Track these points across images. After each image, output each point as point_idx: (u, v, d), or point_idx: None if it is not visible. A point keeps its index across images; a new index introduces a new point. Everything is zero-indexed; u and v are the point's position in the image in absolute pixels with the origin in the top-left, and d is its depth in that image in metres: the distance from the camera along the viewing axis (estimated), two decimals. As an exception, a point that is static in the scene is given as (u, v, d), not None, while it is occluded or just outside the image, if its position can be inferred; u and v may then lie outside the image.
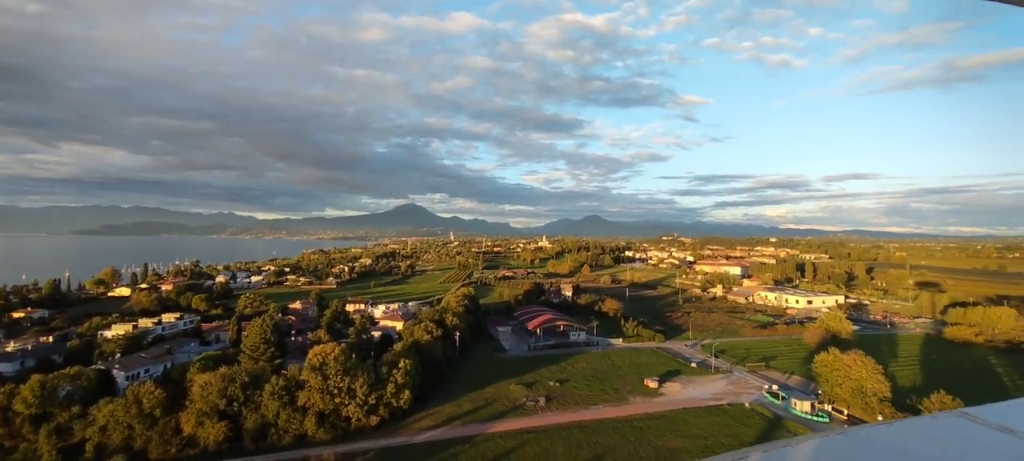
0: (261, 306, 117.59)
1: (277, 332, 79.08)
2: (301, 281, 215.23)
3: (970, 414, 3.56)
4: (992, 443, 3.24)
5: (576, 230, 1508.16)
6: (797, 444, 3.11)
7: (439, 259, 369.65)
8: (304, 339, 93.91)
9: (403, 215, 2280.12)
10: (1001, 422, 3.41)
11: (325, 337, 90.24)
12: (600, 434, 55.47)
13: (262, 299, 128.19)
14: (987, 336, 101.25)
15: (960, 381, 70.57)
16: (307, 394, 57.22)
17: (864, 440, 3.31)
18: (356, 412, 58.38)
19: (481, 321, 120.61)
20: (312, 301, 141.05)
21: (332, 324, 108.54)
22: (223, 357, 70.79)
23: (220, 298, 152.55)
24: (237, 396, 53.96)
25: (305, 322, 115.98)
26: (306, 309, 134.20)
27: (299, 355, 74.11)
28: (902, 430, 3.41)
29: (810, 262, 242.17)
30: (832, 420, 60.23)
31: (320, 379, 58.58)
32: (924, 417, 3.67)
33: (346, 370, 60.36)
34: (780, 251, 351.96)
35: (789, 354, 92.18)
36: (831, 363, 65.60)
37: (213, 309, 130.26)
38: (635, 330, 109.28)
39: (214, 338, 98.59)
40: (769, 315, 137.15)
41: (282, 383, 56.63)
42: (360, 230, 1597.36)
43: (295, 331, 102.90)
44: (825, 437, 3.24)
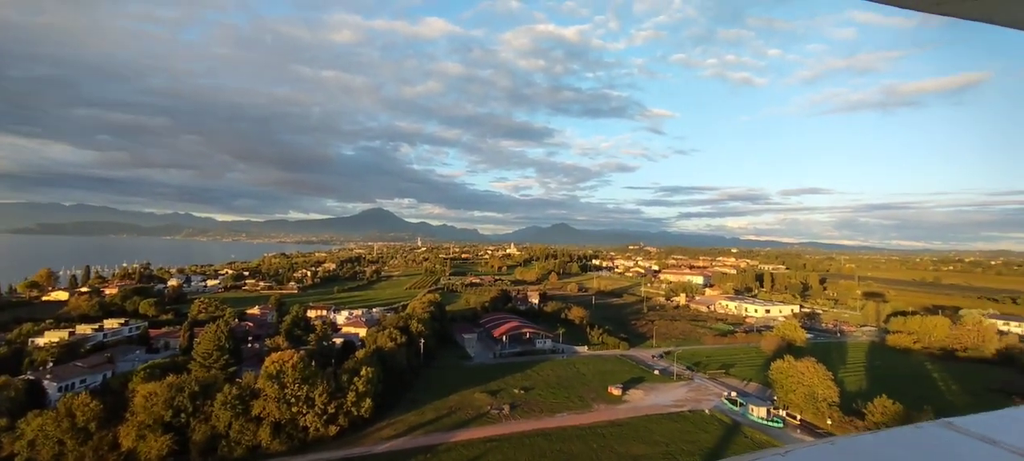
0: (216, 311, 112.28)
1: (232, 338, 75.66)
2: (261, 286, 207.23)
3: (954, 425, 3.59)
4: (975, 454, 3.26)
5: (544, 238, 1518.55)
6: (785, 454, 3.09)
7: (406, 265, 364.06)
8: (261, 346, 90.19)
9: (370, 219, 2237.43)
10: (984, 433, 3.43)
11: (284, 344, 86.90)
12: (564, 442, 55.49)
13: (218, 304, 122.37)
14: (924, 344, 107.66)
15: (899, 386, 74.52)
16: (262, 403, 54.79)
17: (849, 450, 3.31)
18: (314, 422, 56.35)
19: (447, 328, 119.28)
20: (271, 306, 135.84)
21: (292, 330, 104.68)
22: (172, 365, 66.97)
23: (172, 303, 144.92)
24: (185, 407, 51.05)
25: (263, 328, 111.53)
26: (265, 315, 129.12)
27: (256, 363, 71.03)
28: (887, 440, 3.45)
29: (768, 272, 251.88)
30: (786, 425, 62.36)
31: (277, 387, 56.24)
32: (908, 427, 3.68)
33: (305, 378, 58.24)
34: (740, 261, 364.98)
35: (748, 361, 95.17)
36: (786, 370, 68.06)
37: (163, 314, 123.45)
38: (600, 338, 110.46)
39: (163, 345, 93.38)
40: (729, 323, 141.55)
41: (235, 392, 54.05)
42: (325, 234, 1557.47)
43: (252, 337, 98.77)
44: (812, 446, 3.26)
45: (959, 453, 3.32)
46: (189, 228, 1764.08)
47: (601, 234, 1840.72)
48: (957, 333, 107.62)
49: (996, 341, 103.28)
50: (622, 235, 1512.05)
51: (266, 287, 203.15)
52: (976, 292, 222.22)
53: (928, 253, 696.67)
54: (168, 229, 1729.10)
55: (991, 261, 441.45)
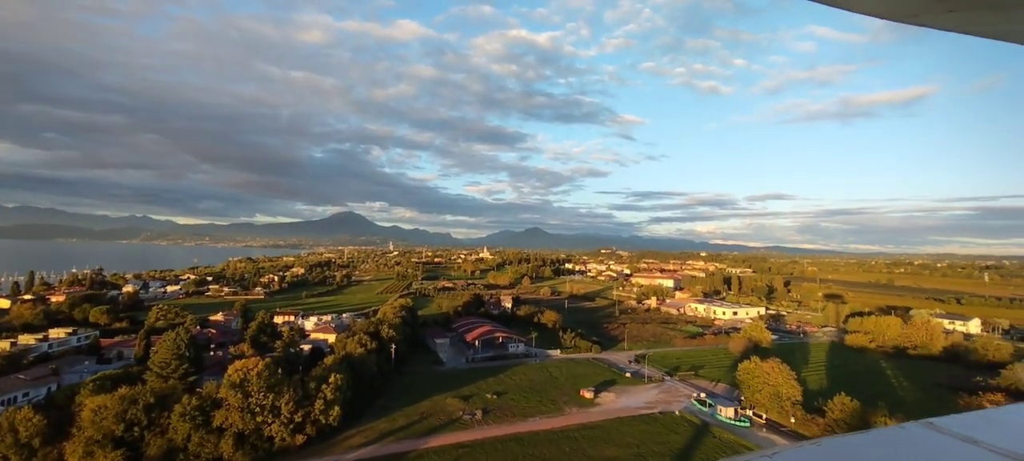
0: (176, 318, 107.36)
1: (193, 346, 72.44)
2: (225, 291, 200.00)
3: (936, 425, 3.66)
4: (957, 454, 3.33)
5: (517, 242, 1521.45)
6: (772, 455, 3.13)
7: (377, 269, 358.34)
8: (225, 354, 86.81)
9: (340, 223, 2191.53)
10: (966, 433, 3.50)
11: (249, 351, 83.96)
12: (536, 446, 55.32)
13: (177, 310, 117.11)
14: (879, 342, 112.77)
15: (856, 383, 77.73)
16: (225, 413, 52.54)
17: (834, 450, 3.37)
18: (280, 431, 54.40)
19: (419, 333, 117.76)
20: (236, 312, 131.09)
21: (258, 337, 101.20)
22: (124, 376, 63.37)
23: (127, 310, 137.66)
24: (138, 419, 48.38)
25: (227, 335, 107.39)
26: (229, 321, 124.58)
27: (219, 371, 68.11)
28: (870, 441, 3.53)
29: (736, 276, 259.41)
30: (752, 424, 63.98)
31: (240, 396, 54.07)
32: (891, 428, 3.76)
33: (270, 386, 56.19)
34: (709, 265, 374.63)
35: (716, 363, 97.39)
36: (752, 371, 69.97)
37: (117, 322, 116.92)
38: (573, 341, 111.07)
39: (116, 355, 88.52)
40: (699, 326, 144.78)
41: (196, 402, 51.64)
42: (293, 238, 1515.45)
43: (215, 345, 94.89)
44: (798, 448, 3.32)
45: (940, 453, 3.38)
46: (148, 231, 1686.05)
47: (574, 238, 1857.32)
48: (908, 332, 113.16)
49: (942, 339, 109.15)
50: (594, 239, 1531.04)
51: (231, 293, 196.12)
52: (925, 293, 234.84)
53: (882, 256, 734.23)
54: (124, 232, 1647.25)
55: (937, 264, 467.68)
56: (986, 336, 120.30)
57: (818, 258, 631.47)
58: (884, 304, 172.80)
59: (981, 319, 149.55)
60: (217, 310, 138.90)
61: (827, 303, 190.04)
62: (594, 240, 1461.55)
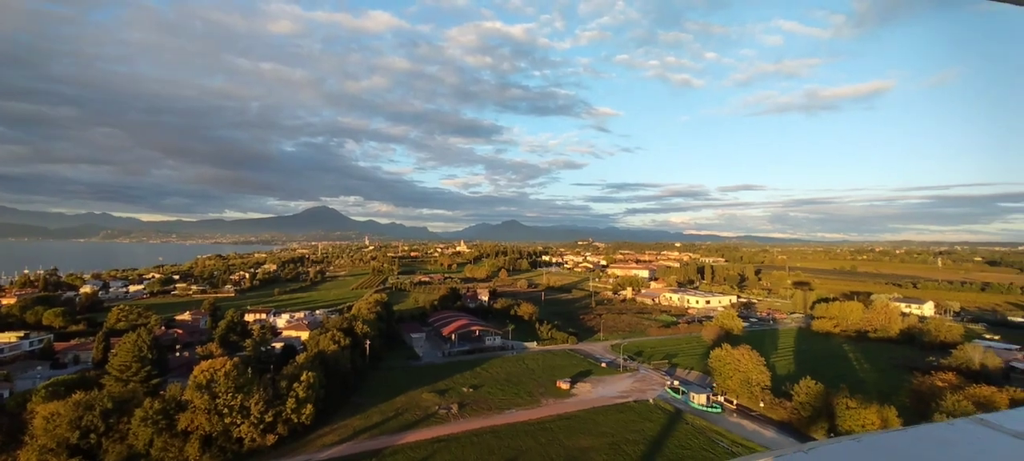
0: (138, 319, 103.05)
1: (157, 348, 69.72)
2: (193, 289, 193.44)
3: (987, 421, 3.44)
4: (1011, 451, 3.12)
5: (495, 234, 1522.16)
6: (809, 450, 2.92)
7: (352, 264, 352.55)
8: (192, 354, 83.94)
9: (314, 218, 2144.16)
10: (1019, 429, 3.29)
11: (217, 351, 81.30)
12: (512, 438, 55.38)
13: (140, 311, 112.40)
14: (842, 327, 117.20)
15: (821, 367, 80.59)
16: (190, 416, 50.76)
17: (876, 447, 3.11)
18: (250, 432, 52.93)
19: (395, 328, 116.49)
20: (205, 311, 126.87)
21: (227, 336, 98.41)
22: (81, 381, 60.56)
23: (84, 312, 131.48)
24: (96, 426, 46.22)
25: (195, 335, 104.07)
26: (197, 320, 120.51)
27: (185, 373, 65.75)
28: (916, 437, 3.28)
29: (709, 265, 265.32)
30: (724, 410, 65.55)
31: (207, 398, 52.32)
32: (939, 424, 3.48)
33: (239, 386, 54.54)
34: (684, 255, 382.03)
35: (690, 351, 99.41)
36: (724, 358, 71.60)
37: (73, 325, 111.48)
38: (549, 333, 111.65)
39: (72, 359, 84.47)
40: (673, 315, 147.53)
41: (158, 406, 49.66)
42: (265, 233, 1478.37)
43: (181, 346, 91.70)
44: (836, 443, 3.11)
45: (994, 451, 3.14)
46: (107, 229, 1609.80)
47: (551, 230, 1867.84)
48: (868, 316, 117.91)
49: (899, 322, 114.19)
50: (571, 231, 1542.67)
51: (199, 291, 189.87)
52: (885, 278, 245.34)
53: (847, 244, 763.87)
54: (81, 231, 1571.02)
55: (896, 250, 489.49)
56: (939, 318, 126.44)
57: (787, 247, 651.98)
58: (848, 290, 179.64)
59: (934, 302, 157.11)
60: (184, 309, 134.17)
61: (795, 290, 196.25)
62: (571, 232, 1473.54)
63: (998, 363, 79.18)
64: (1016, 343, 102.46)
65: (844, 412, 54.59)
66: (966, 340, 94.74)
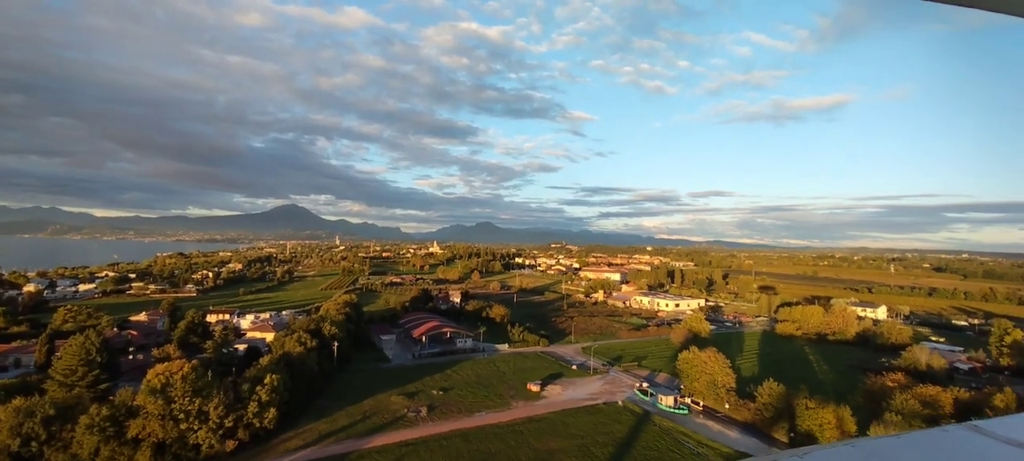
0: (88, 320, 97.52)
1: (107, 350, 66.09)
2: (151, 289, 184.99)
3: (980, 427, 3.48)
4: (1003, 457, 3.17)
5: (469, 236, 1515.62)
6: (805, 455, 2.93)
7: (322, 264, 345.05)
8: (147, 357, 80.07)
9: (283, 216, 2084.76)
10: (1011, 436, 3.33)
11: (175, 353, 77.80)
12: (482, 441, 54.99)
13: (90, 311, 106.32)
14: (804, 330, 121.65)
15: (783, 369, 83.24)
16: (142, 422, 48.32)
17: (870, 452, 3.14)
18: (208, 438, 50.78)
19: (364, 330, 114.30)
20: (162, 312, 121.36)
21: (186, 338, 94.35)
22: (21, 386, 56.87)
23: (27, 312, 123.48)
24: (36, 434, 43.41)
25: (151, 337, 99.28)
26: (154, 321, 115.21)
27: (138, 377, 62.59)
28: (909, 443, 3.30)
29: (679, 269, 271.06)
30: (691, 412, 66.85)
31: (161, 403, 49.93)
32: (933, 430, 3.53)
33: (197, 390, 52.29)
34: (655, 259, 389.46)
35: (659, 353, 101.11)
36: (691, 360, 73.12)
37: (15, 326, 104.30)
38: (521, 335, 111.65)
39: (12, 363, 79.09)
40: (643, 318, 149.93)
41: (106, 412, 47.02)
42: (231, 231, 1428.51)
43: (135, 348, 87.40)
44: (831, 448, 3.12)
45: (987, 457, 3.16)
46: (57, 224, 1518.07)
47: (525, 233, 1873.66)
48: (828, 320, 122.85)
49: (856, 325, 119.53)
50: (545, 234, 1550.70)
51: (158, 290, 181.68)
52: (843, 283, 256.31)
53: (810, 250, 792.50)
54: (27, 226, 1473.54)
55: (854, 256, 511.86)
56: (891, 321, 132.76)
57: (754, 252, 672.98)
58: (809, 294, 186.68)
59: (887, 306, 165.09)
60: (140, 310, 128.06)
61: (761, 294, 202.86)
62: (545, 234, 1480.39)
63: (943, 364, 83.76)
64: (959, 345, 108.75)
65: (804, 412, 56.47)
66: (914, 342, 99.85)
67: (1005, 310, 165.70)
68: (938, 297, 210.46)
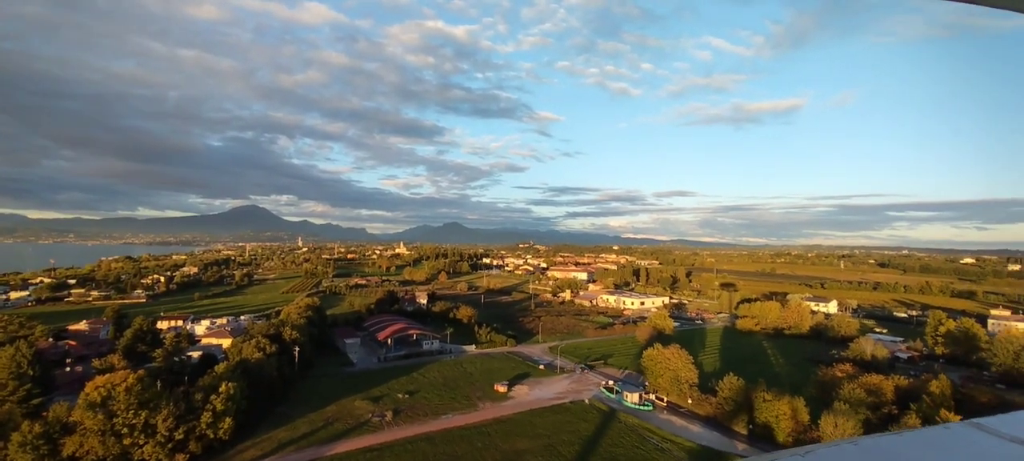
0: (18, 330, 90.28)
1: (40, 363, 61.53)
2: (94, 295, 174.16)
3: (982, 425, 3.45)
4: (1007, 455, 3.15)
5: (436, 237, 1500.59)
6: (806, 454, 2.94)
7: (284, 266, 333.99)
8: (87, 368, 75.02)
9: (242, 217, 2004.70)
10: (1014, 433, 3.31)
11: (120, 363, 73.26)
12: (448, 444, 54.29)
13: (22, 321, 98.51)
14: (762, 325, 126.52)
15: (743, 364, 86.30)
16: (80, 439, 45.16)
17: (872, 450, 3.13)
18: (155, 452, 48.06)
19: (327, 333, 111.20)
20: (106, 319, 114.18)
21: (133, 347, 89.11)
22: (-57, 401, 52.17)
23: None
24: (-42, 453, 39.84)
25: (92, 347, 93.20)
26: (96, 330, 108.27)
27: (77, 390, 58.42)
28: (912, 441, 3.28)
29: (644, 268, 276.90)
30: (655, 408, 68.16)
31: (102, 417, 46.82)
32: (935, 428, 3.50)
33: (143, 402, 49.35)
34: (621, 258, 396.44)
35: (624, 351, 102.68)
36: (655, 357, 74.55)
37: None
38: (488, 336, 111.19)
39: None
40: (609, 316, 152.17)
41: (39, 429, 43.69)
42: (186, 233, 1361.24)
43: (73, 359, 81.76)
44: (833, 446, 3.13)
45: (990, 455, 3.14)
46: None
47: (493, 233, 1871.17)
48: (784, 315, 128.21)
49: (810, 319, 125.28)
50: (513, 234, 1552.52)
51: (101, 297, 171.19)
52: (799, 279, 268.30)
53: (767, 248, 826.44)
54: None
55: (808, 254, 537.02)
56: (841, 315, 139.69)
57: (716, 250, 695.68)
58: (768, 291, 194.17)
59: (838, 301, 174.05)
60: (80, 318, 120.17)
61: (722, 292, 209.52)
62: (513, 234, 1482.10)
63: (885, 354, 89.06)
64: (900, 336, 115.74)
65: (761, 405, 58.53)
66: (861, 334, 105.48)
67: (939, 302, 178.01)
68: (882, 291, 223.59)
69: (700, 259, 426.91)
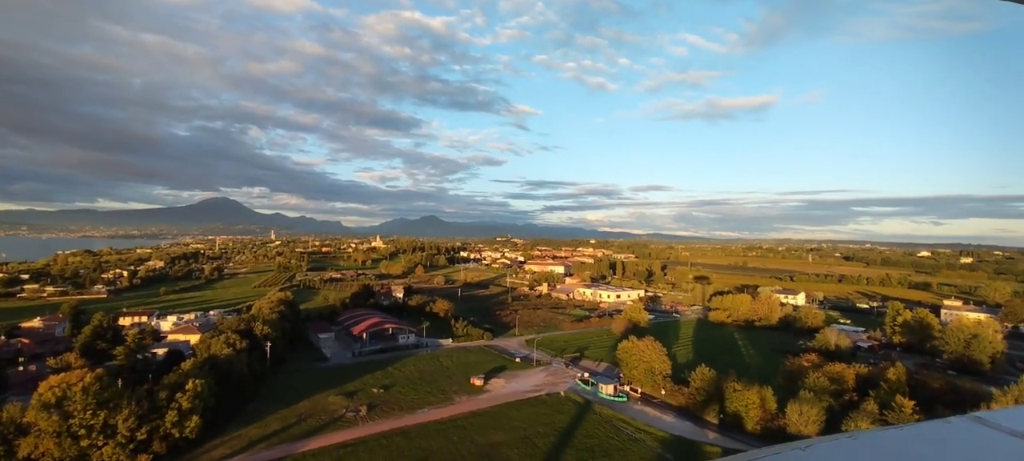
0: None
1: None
2: (49, 291, 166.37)
3: (984, 419, 3.45)
4: (1007, 449, 3.13)
5: (413, 230, 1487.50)
6: (807, 448, 2.93)
7: (256, 260, 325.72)
8: (41, 367, 71.68)
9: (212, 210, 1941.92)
10: (1016, 427, 3.30)
11: (77, 361, 70.13)
12: (424, 438, 53.98)
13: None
14: (734, 317, 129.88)
15: (715, 355, 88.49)
16: (34, 441, 43.11)
17: (872, 445, 3.11)
18: (115, 454, 46.28)
19: (301, 328, 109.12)
20: (63, 316, 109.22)
21: (92, 344, 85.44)
22: None
23: None
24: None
25: (47, 344, 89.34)
26: (51, 327, 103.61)
27: (31, 390, 55.65)
28: (914, 435, 3.27)
29: (620, 261, 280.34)
30: (629, 399, 69.24)
31: (57, 418, 44.79)
32: (936, 422, 3.42)
33: (102, 402, 47.38)
34: (598, 252, 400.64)
35: (600, 344, 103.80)
36: (630, 349, 75.64)
37: None
38: (465, 330, 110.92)
39: None
40: (586, 309, 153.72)
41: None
42: (152, 226, 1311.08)
43: (26, 358, 77.94)
44: (833, 440, 3.08)
45: (990, 449, 3.17)
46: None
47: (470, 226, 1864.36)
48: (755, 307, 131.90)
49: (779, 311, 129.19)
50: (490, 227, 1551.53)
51: (57, 292, 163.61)
52: (769, 273, 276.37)
53: (740, 242, 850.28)
54: None
55: (779, 247, 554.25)
56: (808, 307, 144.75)
57: (690, 244, 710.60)
58: (740, 283, 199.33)
59: (806, 293, 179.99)
60: (34, 314, 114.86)
61: (696, 284, 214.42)
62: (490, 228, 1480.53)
63: (848, 343, 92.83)
64: (862, 326, 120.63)
65: (732, 395, 60.08)
66: (826, 325, 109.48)
67: (898, 293, 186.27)
68: (846, 283, 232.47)
69: (675, 253, 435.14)
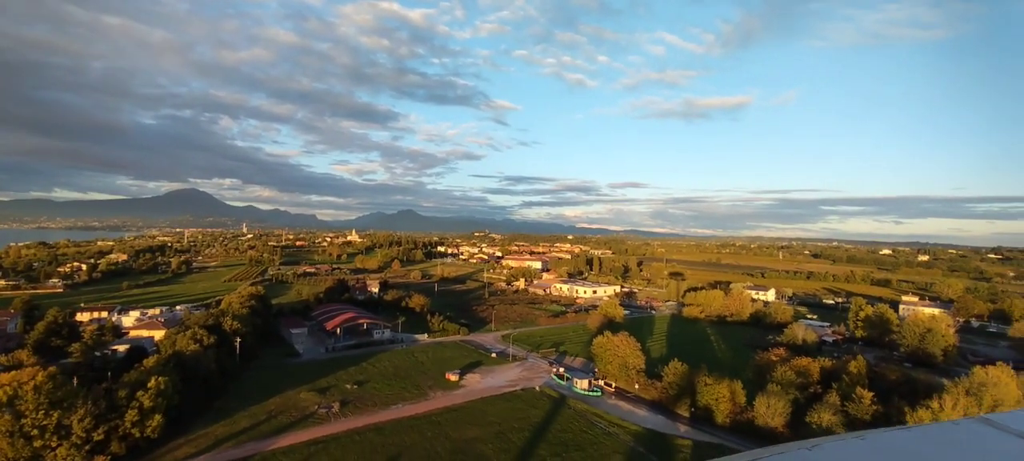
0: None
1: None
2: (0, 284, 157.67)
3: (992, 421, 3.43)
4: (1016, 451, 3.13)
5: (390, 224, 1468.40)
6: (813, 447, 2.95)
7: (226, 254, 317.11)
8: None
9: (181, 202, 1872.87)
10: (1023, 430, 3.29)
11: (29, 359, 66.68)
12: (398, 434, 53.42)
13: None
14: (707, 313, 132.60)
15: (688, 350, 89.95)
16: (-19, 441, 40.75)
17: (880, 445, 3.13)
18: (70, 455, 44.23)
19: (272, 324, 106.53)
20: (14, 311, 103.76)
21: (47, 341, 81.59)
22: None
23: None
24: None
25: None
26: (3, 323, 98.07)
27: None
28: (921, 436, 3.29)
29: (597, 257, 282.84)
30: (604, 394, 69.94)
31: (9, 419, 42.55)
32: (944, 423, 3.42)
33: (55, 402, 45.22)
34: (575, 247, 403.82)
35: (576, 339, 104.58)
36: (605, 344, 76.39)
37: None
38: (441, 325, 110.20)
39: None
40: (562, 305, 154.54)
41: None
42: (114, 218, 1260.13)
43: (-26, 355, 73.54)
44: (840, 440, 3.11)
45: (998, 451, 3.16)
46: None
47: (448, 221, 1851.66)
48: (727, 303, 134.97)
49: (750, 307, 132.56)
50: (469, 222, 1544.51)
51: (9, 286, 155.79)
52: (742, 269, 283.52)
53: (714, 239, 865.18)
54: None
55: (751, 245, 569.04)
56: (778, 303, 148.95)
57: (666, 240, 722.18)
58: (713, 280, 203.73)
59: (776, 289, 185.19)
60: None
61: (670, 280, 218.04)
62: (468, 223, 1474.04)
63: (814, 338, 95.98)
64: (827, 321, 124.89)
65: (703, 389, 61.31)
66: (795, 320, 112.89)
67: (862, 289, 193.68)
68: (814, 280, 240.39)
69: (651, 249, 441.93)
